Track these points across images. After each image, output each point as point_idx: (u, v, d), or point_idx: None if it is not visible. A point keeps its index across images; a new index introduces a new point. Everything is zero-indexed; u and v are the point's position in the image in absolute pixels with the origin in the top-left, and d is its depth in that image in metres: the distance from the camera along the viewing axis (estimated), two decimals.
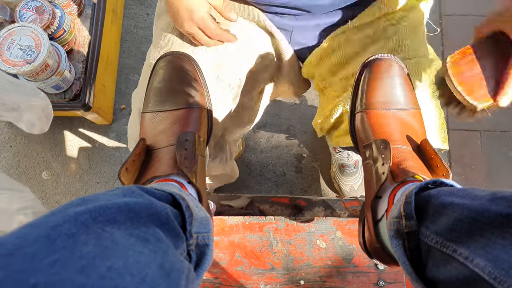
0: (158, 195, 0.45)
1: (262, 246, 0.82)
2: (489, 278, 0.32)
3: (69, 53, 1.26)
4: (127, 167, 0.55)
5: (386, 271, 0.79)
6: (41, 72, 1.09)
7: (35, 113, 0.91)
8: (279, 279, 0.79)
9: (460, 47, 0.75)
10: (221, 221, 0.84)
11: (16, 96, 0.87)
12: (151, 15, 1.60)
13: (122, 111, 1.51)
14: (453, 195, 0.43)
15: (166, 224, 0.41)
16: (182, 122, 0.62)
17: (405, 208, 0.46)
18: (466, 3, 1.58)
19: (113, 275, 0.28)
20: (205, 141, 0.65)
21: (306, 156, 1.46)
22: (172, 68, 0.64)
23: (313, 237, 0.82)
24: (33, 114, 0.91)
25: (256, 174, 1.44)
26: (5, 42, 1.06)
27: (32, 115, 0.91)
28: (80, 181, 1.46)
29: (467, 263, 0.35)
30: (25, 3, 1.14)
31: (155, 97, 0.64)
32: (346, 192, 1.35)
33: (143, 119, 0.65)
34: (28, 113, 0.89)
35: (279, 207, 0.96)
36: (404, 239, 0.46)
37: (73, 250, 0.29)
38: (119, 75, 1.53)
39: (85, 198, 0.37)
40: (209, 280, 0.79)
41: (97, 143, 1.49)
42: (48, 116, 0.96)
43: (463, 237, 0.38)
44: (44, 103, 0.94)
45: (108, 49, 1.43)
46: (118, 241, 0.32)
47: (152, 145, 0.61)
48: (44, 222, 0.31)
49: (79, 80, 1.24)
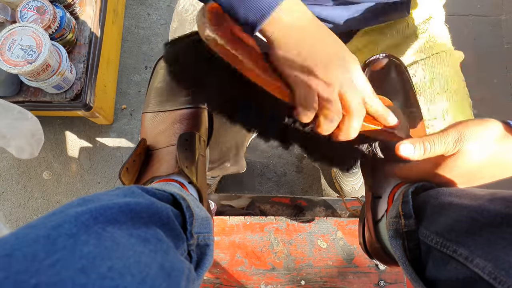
0: (159, 195, 0.45)
1: (263, 246, 0.82)
2: (489, 278, 0.32)
3: (70, 53, 1.26)
4: (128, 167, 0.55)
5: (386, 272, 0.79)
6: (42, 72, 1.09)
7: (24, 138, 0.86)
8: (280, 279, 0.79)
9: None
10: (222, 221, 0.84)
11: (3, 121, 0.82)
12: (152, 15, 1.60)
13: (123, 111, 1.51)
14: (452, 195, 0.43)
15: (166, 224, 0.41)
16: (183, 122, 0.62)
17: (403, 208, 0.46)
18: (466, 3, 1.58)
19: (113, 275, 0.29)
20: (205, 141, 0.65)
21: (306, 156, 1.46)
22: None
23: (314, 237, 0.82)
24: (21, 140, 0.85)
25: (257, 174, 1.44)
26: (6, 42, 1.06)
27: (20, 141, 0.85)
28: (81, 181, 1.46)
29: (467, 263, 0.35)
30: (26, 3, 1.14)
31: (156, 97, 0.64)
32: (347, 192, 1.35)
33: (143, 119, 0.65)
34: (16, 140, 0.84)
35: (280, 207, 0.96)
36: (404, 239, 0.46)
37: (74, 250, 0.29)
38: (120, 75, 1.53)
39: (85, 198, 0.37)
40: (210, 280, 0.79)
41: (98, 143, 1.49)
42: (38, 141, 0.90)
43: (462, 237, 0.38)
44: (34, 128, 0.89)
45: (109, 49, 1.43)
46: (118, 241, 0.32)
47: (153, 145, 0.61)
48: (44, 223, 0.31)
49: (80, 80, 1.25)
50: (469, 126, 0.44)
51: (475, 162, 0.44)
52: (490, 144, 0.43)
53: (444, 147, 0.45)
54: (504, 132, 0.43)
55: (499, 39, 1.55)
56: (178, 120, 0.62)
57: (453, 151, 0.44)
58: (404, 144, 0.46)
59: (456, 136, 0.44)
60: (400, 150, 0.46)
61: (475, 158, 0.43)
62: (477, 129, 0.44)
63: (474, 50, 1.52)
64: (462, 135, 0.44)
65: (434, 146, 0.45)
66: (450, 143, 0.44)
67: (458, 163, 0.44)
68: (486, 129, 0.43)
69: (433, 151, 0.45)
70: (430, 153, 0.46)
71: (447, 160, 0.45)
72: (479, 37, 1.55)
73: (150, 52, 1.57)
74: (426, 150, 0.46)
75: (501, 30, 1.56)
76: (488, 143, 0.43)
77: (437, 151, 0.45)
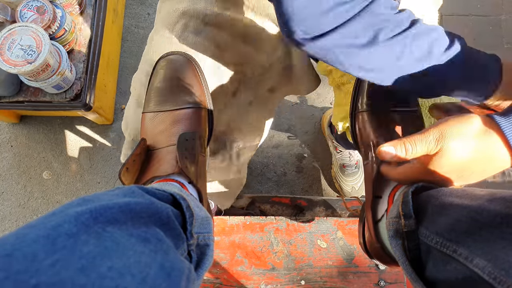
0: (159, 195, 0.45)
1: (263, 246, 0.82)
2: (489, 278, 0.32)
3: (70, 53, 1.26)
4: (128, 167, 0.55)
5: (387, 271, 0.79)
6: (42, 72, 1.09)
7: None
8: (280, 279, 0.79)
9: None
10: (222, 221, 0.84)
11: None
12: (152, 15, 1.60)
13: (123, 110, 1.51)
14: (452, 195, 0.43)
15: (166, 224, 0.41)
16: (183, 122, 0.62)
17: (403, 208, 0.46)
18: (466, 3, 1.58)
19: (113, 275, 0.29)
20: (205, 141, 0.65)
21: (307, 156, 1.46)
22: (172, 68, 0.64)
23: (314, 237, 0.82)
24: None
25: (257, 174, 1.44)
26: (6, 42, 1.06)
27: None
28: (81, 181, 1.46)
29: (467, 263, 0.35)
30: (26, 3, 1.14)
31: (156, 97, 0.64)
32: (347, 192, 1.35)
33: (143, 119, 0.65)
34: None
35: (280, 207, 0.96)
36: (404, 239, 0.46)
37: (74, 250, 0.29)
38: (120, 75, 1.53)
39: (85, 198, 0.37)
40: (210, 280, 0.79)
41: (98, 143, 1.49)
42: None
43: (462, 237, 0.38)
44: None
45: (109, 49, 1.43)
46: (118, 241, 0.32)
47: (153, 145, 0.61)
48: (44, 222, 0.31)
49: (80, 80, 1.24)
50: (449, 124, 0.45)
51: (459, 158, 0.44)
52: (471, 140, 0.44)
53: (426, 147, 0.45)
54: (483, 127, 0.44)
55: (499, 39, 1.55)
56: (178, 120, 0.62)
57: (435, 150, 0.45)
58: (384, 147, 0.47)
59: (437, 135, 0.45)
60: (381, 153, 0.47)
61: (458, 155, 0.44)
62: (457, 126, 0.44)
63: None
64: (443, 133, 0.44)
65: (416, 146, 0.46)
66: (432, 142, 0.45)
67: (443, 161, 0.45)
68: (466, 126, 0.44)
69: (414, 151, 0.46)
70: (413, 154, 0.46)
71: (433, 158, 0.45)
72: (479, 37, 1.55)
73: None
74: (407, 151, 0.46)
75: (501, 30, 1.56)
76: (468, 139, 0.44)
77: (419, 152, 0.46)
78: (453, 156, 0.44)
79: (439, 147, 0.44)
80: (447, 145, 0.44)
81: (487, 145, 0.43)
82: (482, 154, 0.44)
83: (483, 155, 0.44)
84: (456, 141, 0.44)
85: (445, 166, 0.45)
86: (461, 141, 0.44)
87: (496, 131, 0.43)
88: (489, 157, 0.44)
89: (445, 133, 0.44)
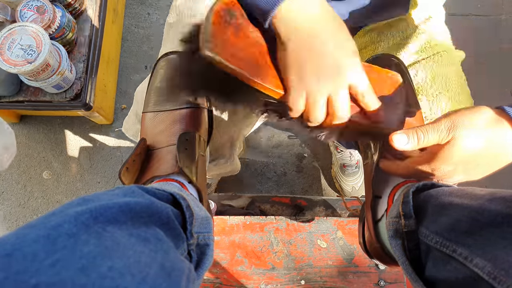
0: (159, 195, 0.45)
1: (263, 246, 0.82)
2: (489, 278, 0.32)
3: (70, 53, 1.26)
4: (128, 166, 0.55)
5: (386, 271, 0.79)
6: (42, 72, 1.09)
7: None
8: (280, 279, 0.79)
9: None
10: (222, 221, 0.84)
11: None
12: (152, 15, 1.60)
13: (123, 110, 1.51)
14: (452, 195, 0.43)
15: (166, 224, 0.41)
16: (183, 121, 0.62)
17: (403, 208, 0.46)
18: (466, 3, 1.58)
19: (114, 275, 0.29)
20: (205, 141, 0.65)
21: (307, 155, 1.46)
22: (173, 68, 0.64)
23: (314, 237, 0.82)
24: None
25: (257, 173, 1.44)
26: (6, 41, 1.06)
27: None
28: (81, 180, 1.46)
29: (466, 263, 0.35)
30: (26, 2, 1.14)
31: (156, 97, 0.64)
32: (348, 192, 1.35)
33: (143, 119, 0.65)
34: None
35: (280, 207, 0.96)
36: (404, 239, 0.46)
37: (74, 250, 0.29)
38: (120, 75, 1.53)
39: (85, 197, 0.37)
40: (210, 280, 0.79)
41: (98, 142, 1.49)
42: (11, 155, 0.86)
43: (462, 237, 0.38)
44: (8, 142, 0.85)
45: (109, 49, 1.43)
46: (119, 241, 0.32)
47: (153, 145, 0.61)
48: (44, 222, 0.31)
49: (80, 80, 1.24)
50: (461, 113, 0.45)
51: (470, 148, 0.44)
52: (483, 130, 0.44)
53: (437, 136, 0.45)
54: (496, 117, 0.44)
55: (499, 39, 1.55)
56: (178, 120, 0.62)
57: (447, 139, 0.45)
58: (397, 135, 0.47)
59: (448, 124, 0.45)
60: (393, 141, 0.47)
61: (470, 144, 0.44)
62: (469, 116, 0.45)
63: (474, 50, 1.51)
64: (455, 122, 0.44)
65: (428, 135, 0.46)
66: (444, 131, 0.45)
67: (454, 150, 0.45)
68: (478, 116, 0.44)
69: (426, 140, 0.46)
70: (424, 142, 0.46)
71: (444, 148, 0.46)
72: (479, 37, 1.55)
73: (150, 51, 1.57)
74: (419, 140, 0.46)
75: (501, 30, 1.56)
76: (480, 129, 0.44)
77: (430, 140, 0.46)
78: (464, 145, 0.44)
79: (451, 136, 0.45)
80: (459, 133, 0.44)
81: (498, 135, 0.44)
82: (491, 144, 0.44)
83: (494, 145, 0.44)
84: (467, 130, 0.44)
85: (455, 156, 0.45)
86: (473, 130, 0.44)
87: (508, 121, 0.43)
88: (499, 147, 0.44)
89: (457, 122, 0.44)
